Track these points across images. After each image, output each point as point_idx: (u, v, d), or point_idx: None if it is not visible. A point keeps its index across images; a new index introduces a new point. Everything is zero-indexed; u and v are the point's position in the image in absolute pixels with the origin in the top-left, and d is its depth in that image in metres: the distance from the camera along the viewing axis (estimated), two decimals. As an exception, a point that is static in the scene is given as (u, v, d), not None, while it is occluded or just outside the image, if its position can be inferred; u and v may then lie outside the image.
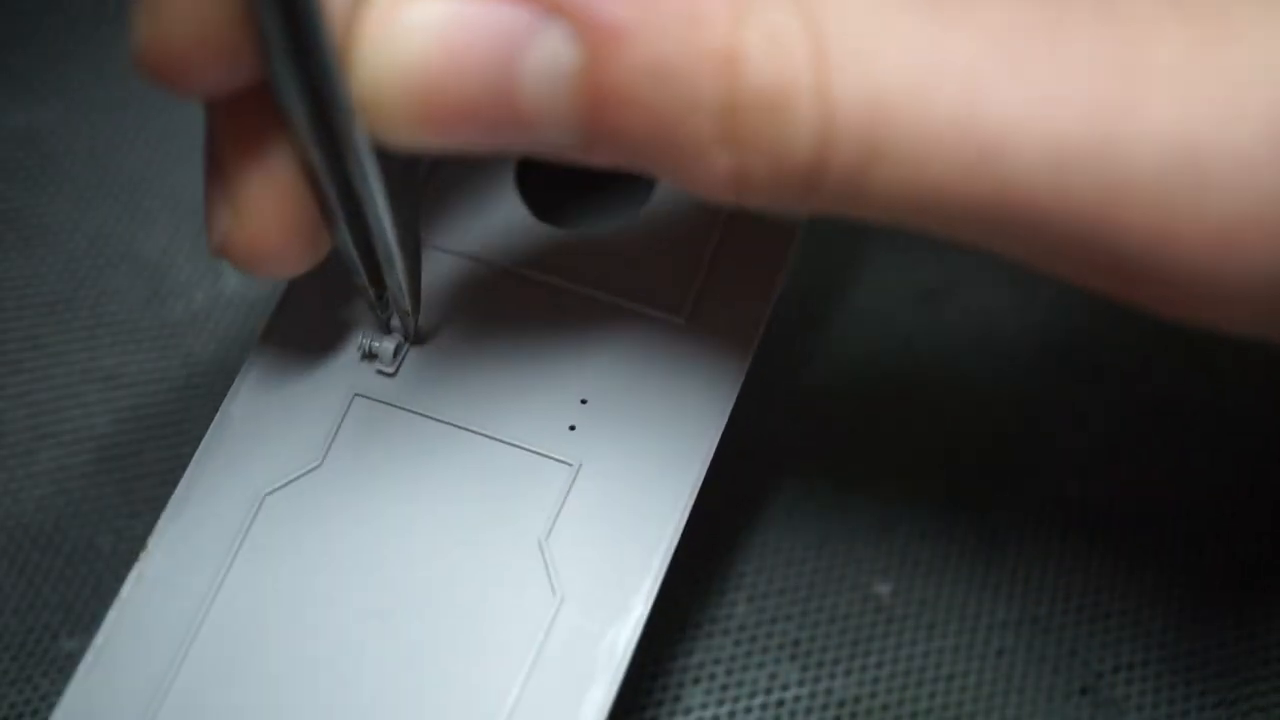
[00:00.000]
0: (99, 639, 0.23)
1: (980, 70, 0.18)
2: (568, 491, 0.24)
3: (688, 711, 0.27)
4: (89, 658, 0.23)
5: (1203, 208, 0.17)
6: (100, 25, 0.33)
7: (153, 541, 0.24)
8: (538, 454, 0.24)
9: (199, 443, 0.25)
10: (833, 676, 0.28)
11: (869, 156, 0.18)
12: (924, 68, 0.18)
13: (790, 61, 0.18)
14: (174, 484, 0.24)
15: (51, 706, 0.27)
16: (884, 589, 0.28)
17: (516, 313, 0.25)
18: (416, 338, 0.25)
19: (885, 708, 0.28)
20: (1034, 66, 0.18)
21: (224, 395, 0.25)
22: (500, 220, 0.26)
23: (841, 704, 0.28)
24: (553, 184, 0.26)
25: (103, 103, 0.32)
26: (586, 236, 0.26)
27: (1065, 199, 0.18)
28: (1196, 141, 0.17)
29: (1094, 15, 0.18)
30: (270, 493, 0.24)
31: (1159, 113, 0.17)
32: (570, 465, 0.24)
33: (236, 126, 0.20)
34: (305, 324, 0.25)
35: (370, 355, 0.25)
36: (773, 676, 0.28)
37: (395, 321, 0.25)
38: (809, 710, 0.27)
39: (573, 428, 0.24)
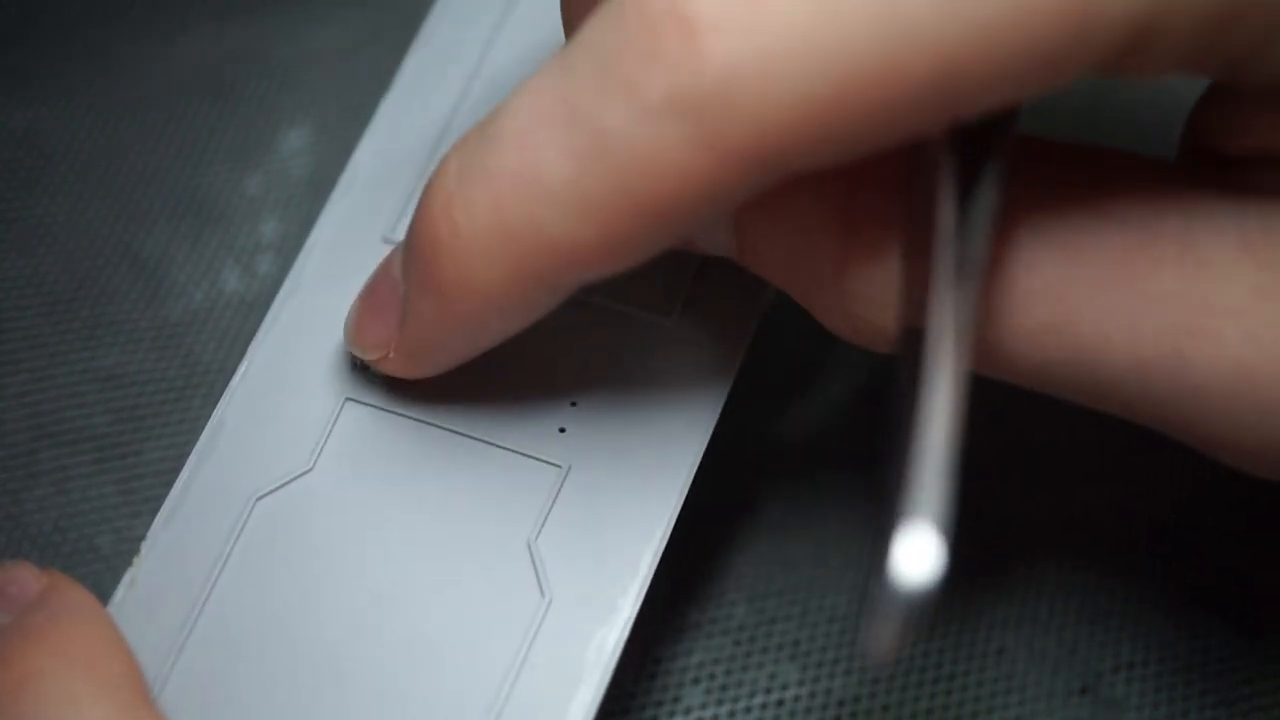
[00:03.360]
0: (92, 643, 0.23)
1: (1070, 290, 0.21)
2: (557, 493, 0.24)
3: (687, 711, 0.27)
4: (83, 661, 0.23)
5: (1260, 422, 0.21)
6: (100, 25, 0.33)
7: (145, 546, 0.24)
8: (527, 456, 0.24)
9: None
10: (833, 676, 0.28)
11: None
12: (1018, 285, 0.21)
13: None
14: (174, 484, 0.25)
15: (48, 708, 0.27)
16: (884, 589, 0.28)
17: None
18: None
19: (885, 708, 0.27)
20: (1118, 292, 0.21)
21: (223, 396, 0.25)
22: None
23: (841, 704, 0.27)
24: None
25: (103, 103, 0.32)
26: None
27: (1145, 398, 0.21)
28: (1256, 369, 0.20)
29: (1177, 252, 0.21)
30: (261, 497, 0.24)
31: (1228, 344, 0.20)
32: (559, 467, 0.24)
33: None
34: (298, 328, 0.25)
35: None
36: (772, 676, 0.28)
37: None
38: (809, 710, 0.27)
39: (562, 430, 0.24)
